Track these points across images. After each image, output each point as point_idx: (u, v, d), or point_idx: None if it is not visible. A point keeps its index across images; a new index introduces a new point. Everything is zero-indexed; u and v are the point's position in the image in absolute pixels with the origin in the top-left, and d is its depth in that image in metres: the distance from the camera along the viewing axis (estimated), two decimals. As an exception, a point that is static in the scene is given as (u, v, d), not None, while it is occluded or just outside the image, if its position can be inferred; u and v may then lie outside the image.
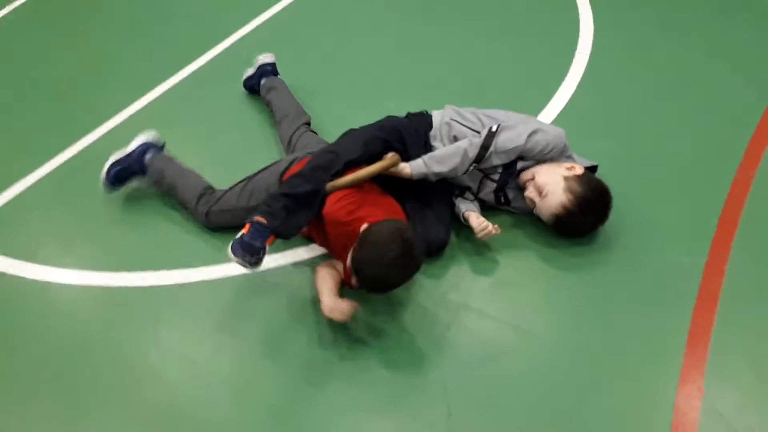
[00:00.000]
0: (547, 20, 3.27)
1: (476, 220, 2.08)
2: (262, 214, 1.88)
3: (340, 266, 2.03)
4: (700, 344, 1.85)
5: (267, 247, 1.88)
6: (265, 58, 2.79)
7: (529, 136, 2.05)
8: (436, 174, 2.06)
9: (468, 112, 2.21)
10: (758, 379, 1.76)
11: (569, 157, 2.14)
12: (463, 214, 2.14)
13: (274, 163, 2.22)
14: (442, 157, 2.06)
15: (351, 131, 2.14)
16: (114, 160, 2.33)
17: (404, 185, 2.10)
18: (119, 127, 2.75)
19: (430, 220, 2.09)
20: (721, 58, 2.92)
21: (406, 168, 2.06)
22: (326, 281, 1.94)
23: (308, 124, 2.51)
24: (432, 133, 2.18)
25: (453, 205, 2.20)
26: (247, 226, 1.87)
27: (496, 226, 2.06)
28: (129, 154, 2.35)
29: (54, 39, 3.38)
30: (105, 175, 2.31)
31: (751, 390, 1.74)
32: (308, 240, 2.19)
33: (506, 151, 2.05)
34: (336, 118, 2.62)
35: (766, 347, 1.83)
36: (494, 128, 2.07)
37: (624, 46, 3.03)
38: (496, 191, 2.17)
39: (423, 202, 2.14)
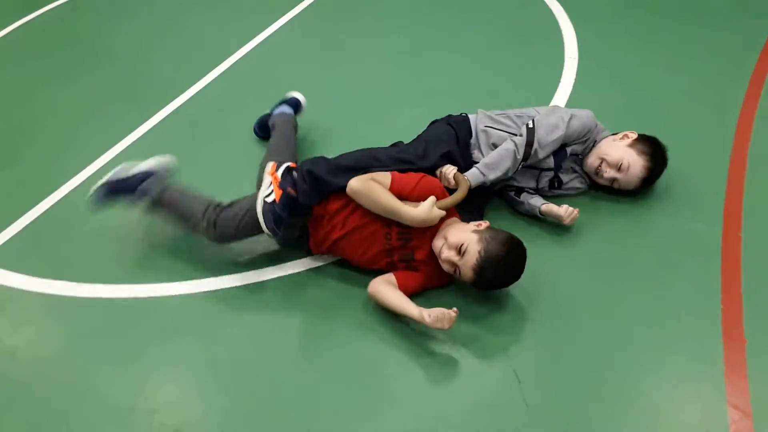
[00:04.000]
0: (531, 33, 3.50)
1: (559, 209, 2.18)
2: (296, 188, 2.05)
3: (391, 278, 1.99)
4: (733, 300, 1.97)
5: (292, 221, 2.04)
6: (295, 94, 2.78)
7: (567, 124, 2.21)
8: (492, 180, 2.16)
9: (501, 116, 2.33)
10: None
11: (605, 130, 2.34)
12: (540, 209, 2.22)
13: None
14: (495, 163, 2.16)
15: (428, 141, 2.27)
16: (116, 178, 2.19)
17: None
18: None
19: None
20: (695, 54, 3.18)
21: (467, 180, 2.13)
22: (396, 295, 1.92)
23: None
24: (471, 141, 2.29)
25: (515, 203, 2.29)
26: (280, 192, 2.03)
27: (576, 209, 2.19)
28: (133, 176, 2.19)
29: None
30: (98, 187, 2.20)
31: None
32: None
33: (550, 143, 2.19)
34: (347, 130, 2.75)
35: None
36: (530, 124, 2.20)
37: (608, 47, 3.27)
38: (552, 179, 2.31)
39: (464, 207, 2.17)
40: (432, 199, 1.96)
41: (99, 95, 3.28)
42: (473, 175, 2.15)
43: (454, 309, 1.81)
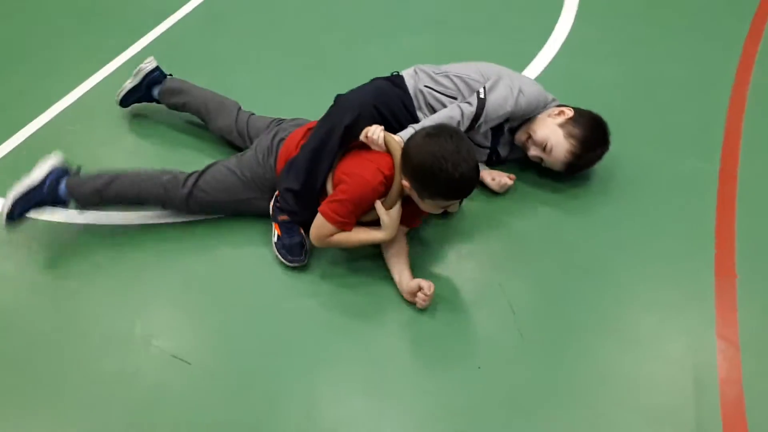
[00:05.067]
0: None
1: (488, 177, 2.09)
2: (284, 212, 1.92)
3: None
4: (727, 236, 2.00)
5: (303, 233, 1.92)
6: (147, 65, 2.37)
7: (516, 100, 2.00)
8: None
9: (440, 75, 2.09)
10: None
11: (553, 100, 2.13)
12: None
13: (241, 155, 2.07)
14: None
15: (339, 98, 1.98)
16: (20, 194, 1.93)
17: None
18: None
19: None
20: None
21: (398, 138, 1.87)
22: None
23: (240, 108, 2.29)
24: (414, 103, 2.07)
25: None
26: (277, 226, 1.93)
27: (510, 175, 2.08)
28: (38, 186, 1.96)
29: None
30: (8, 213, 1.93)
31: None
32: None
33: (494, 119, 2.01)
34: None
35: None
36: (482, 93, 1.98)
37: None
38: (489, 155, 2.15)
39: None
40: (379, 207, 1.82)
41: (83, 16, 3.14)
42: (408, 135, 1.86)
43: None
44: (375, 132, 1.84)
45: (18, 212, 1.95)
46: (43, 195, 1.97)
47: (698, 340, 1.75)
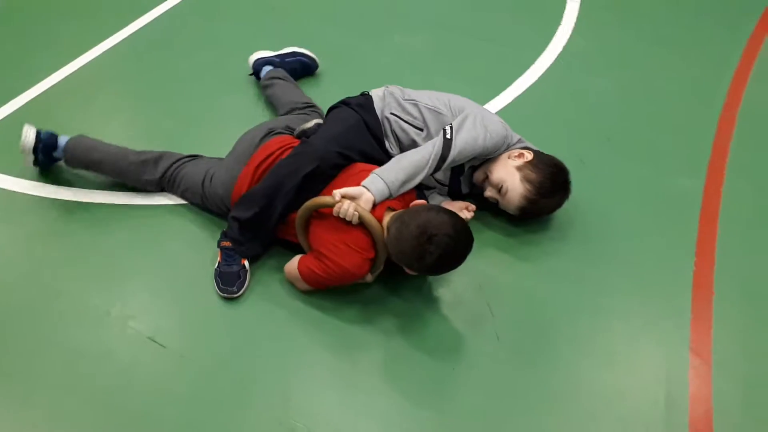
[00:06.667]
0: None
1: (454, 207, 1.97)
2: (228, 239, 1.89)
3: None
4: (707, 252, 2.02)
5: (246, 265, 1.87)
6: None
7: (484, 139, 1.90)
8: (400, 190, 1.82)
9: (408, 102, 2.03)
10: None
11: (518, 141, 2.04)
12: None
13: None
14: (408, 178, 1.82)
15: (305, 143, 1.92)
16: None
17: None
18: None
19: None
20: (701, 11, 3.13)
21: (368, 195, 1.75)
22: None
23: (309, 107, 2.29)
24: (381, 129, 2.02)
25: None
26: (220, 253, 1.89)
27: (470, 206, 2.00)
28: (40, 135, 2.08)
29: None
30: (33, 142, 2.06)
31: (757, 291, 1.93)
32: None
33: (462, 159, 1.91)
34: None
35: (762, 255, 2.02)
36: (448, 134, 1.88)
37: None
38: (450, 194, 2.10)
39: None
40: (367, 277, 1.82)
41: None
42: (379, 191, 1.76)
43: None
44: (348, 213, 1.72)
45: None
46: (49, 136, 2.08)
47: (672, 354, 1.76)
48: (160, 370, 1.69)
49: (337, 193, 1.74)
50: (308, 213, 1.79)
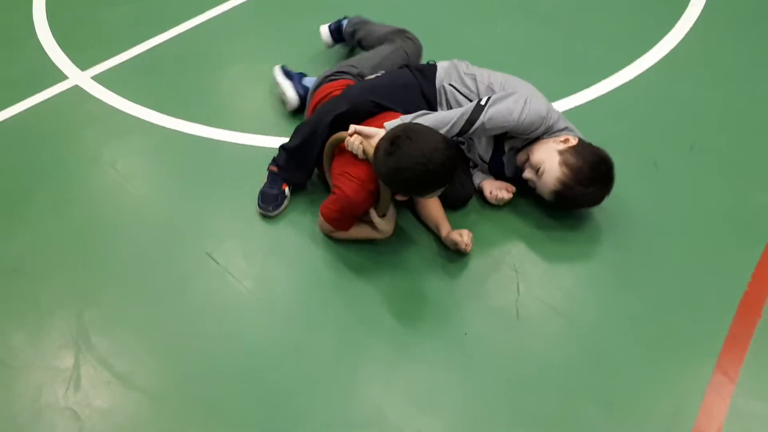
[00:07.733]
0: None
1: (487, 190, 2.09)
2: (275, 164, 2.11)
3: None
4: (765, 278, 1.92)
5: (287, 191, 2.09)
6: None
7: (521, 112, 1.89)
8: None
9: (467, 76, 2.10)
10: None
11: (566, 129, 2.02)
12: (477, 184, 2.14)
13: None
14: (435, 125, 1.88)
15: (365, 81, 2.13)
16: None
17: None
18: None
19: (457, 176, 1.99)
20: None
21: (382, 134, 1.86)
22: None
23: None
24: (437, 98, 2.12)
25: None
26: (267, 175, 2.11)
27: (510, 187, 2.07)
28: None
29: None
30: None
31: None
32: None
33: (493, 128, 1.92)
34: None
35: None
36: (483, 101, 1.90)
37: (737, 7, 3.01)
38: (493, 174, 2.14)
39: None
40: (373, 214, 1.92)
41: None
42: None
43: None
44: (353, 146, 1.85)
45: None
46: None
47: (695, 366, 1.72)
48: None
49: (353, 127, 1.88)
50: (331, 149, 1.96)
